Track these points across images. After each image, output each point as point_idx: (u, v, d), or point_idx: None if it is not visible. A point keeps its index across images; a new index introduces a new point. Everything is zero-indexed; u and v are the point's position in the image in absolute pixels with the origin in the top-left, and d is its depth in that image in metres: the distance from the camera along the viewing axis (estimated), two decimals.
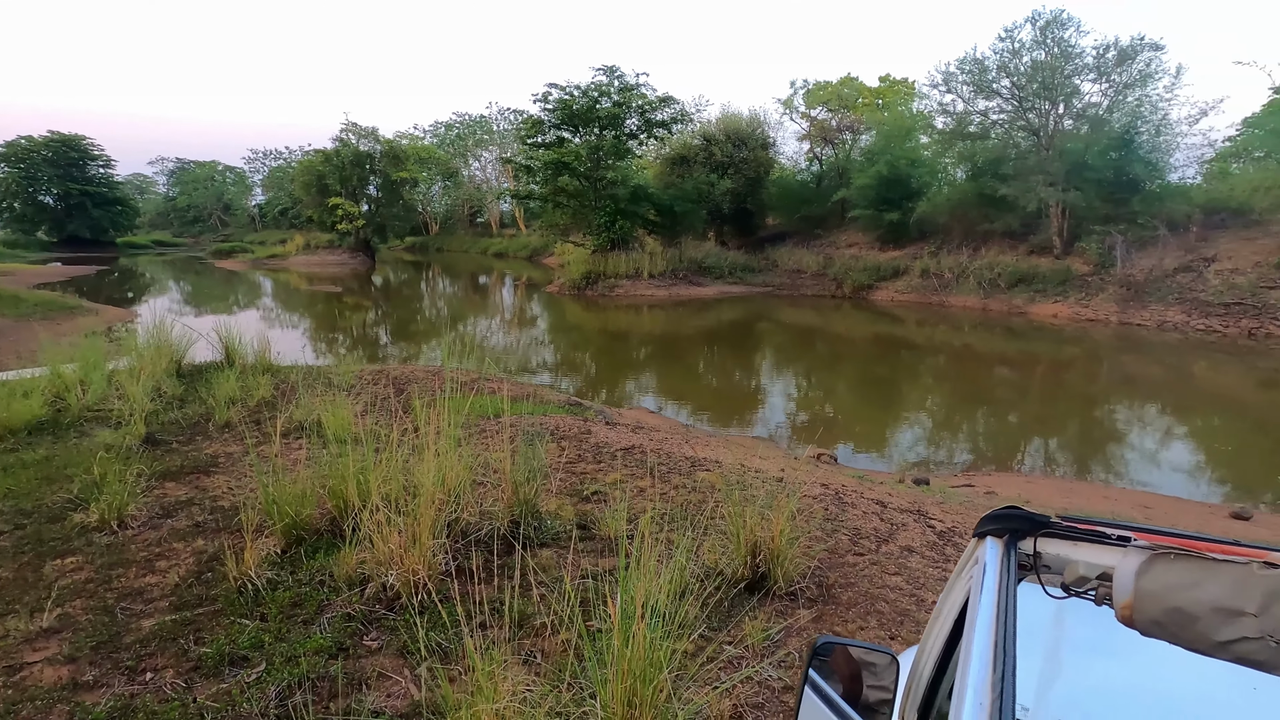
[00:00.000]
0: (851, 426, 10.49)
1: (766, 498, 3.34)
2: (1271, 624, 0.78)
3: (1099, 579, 0.92)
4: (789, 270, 28.19)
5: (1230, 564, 0.82)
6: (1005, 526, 0.95)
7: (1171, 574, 0.84)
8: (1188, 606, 0.82)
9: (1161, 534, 0.88)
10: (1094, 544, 0.92)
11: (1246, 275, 18.25)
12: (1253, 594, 0.79)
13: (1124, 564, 0.87)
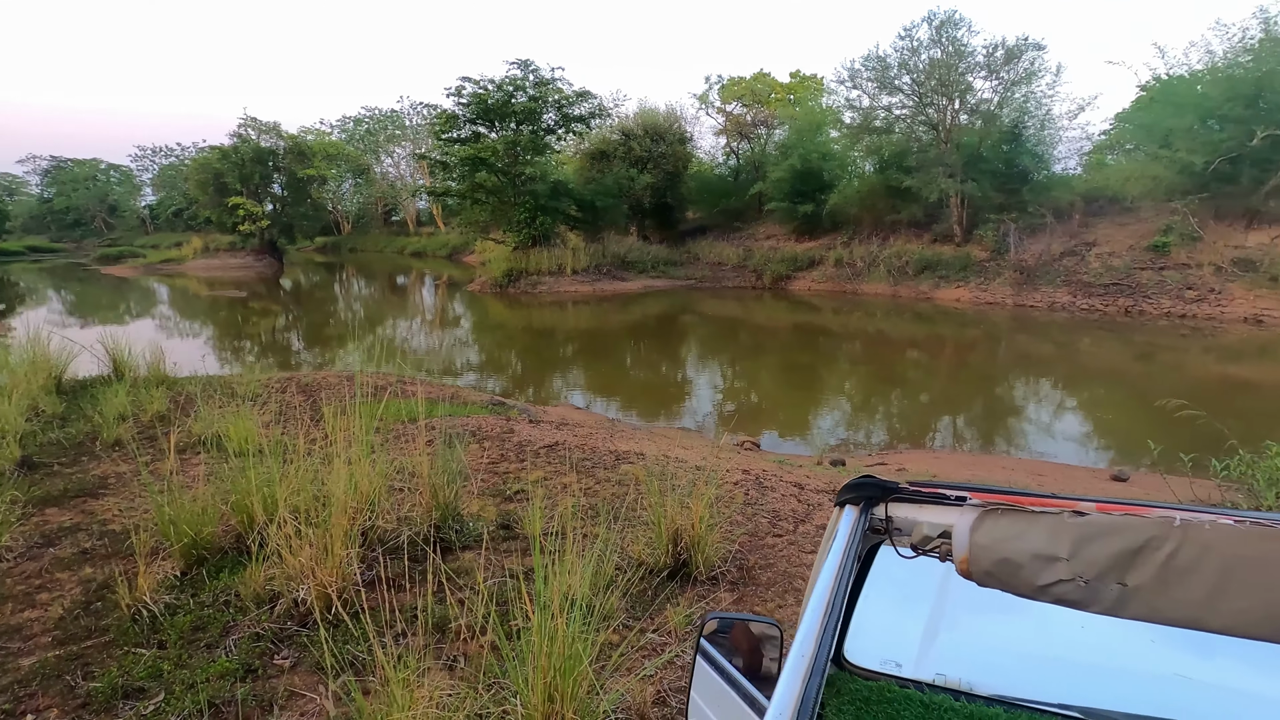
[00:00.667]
0: (775, 413, 10.79)
1: (687, 486, 3.40)
2: (1080, 566, 0.88)
3: (940, 537, 0.99)
4: (711, 263, 28.67)
5: (1046, 515, 0.91)
6: (860, 495, 1.02)
7: (999, 528, 0.92)
8: (1013, 556, 0.90)
9: (991, 492, 0.96)
10: (937, 505, 0.99)
11: (1122, 258, 19.92)
12: (1064, 540, 0.89)
13: (960, 522, 0.94)
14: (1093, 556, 0.87)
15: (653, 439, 6.09)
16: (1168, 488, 5.20)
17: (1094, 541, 0.87)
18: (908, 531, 1.02)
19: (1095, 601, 0.88)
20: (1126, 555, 0.86)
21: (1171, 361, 13.90)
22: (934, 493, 0.99)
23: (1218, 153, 18.67)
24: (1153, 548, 0.85)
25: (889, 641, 1.50)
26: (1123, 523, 0.87)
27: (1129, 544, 0.86)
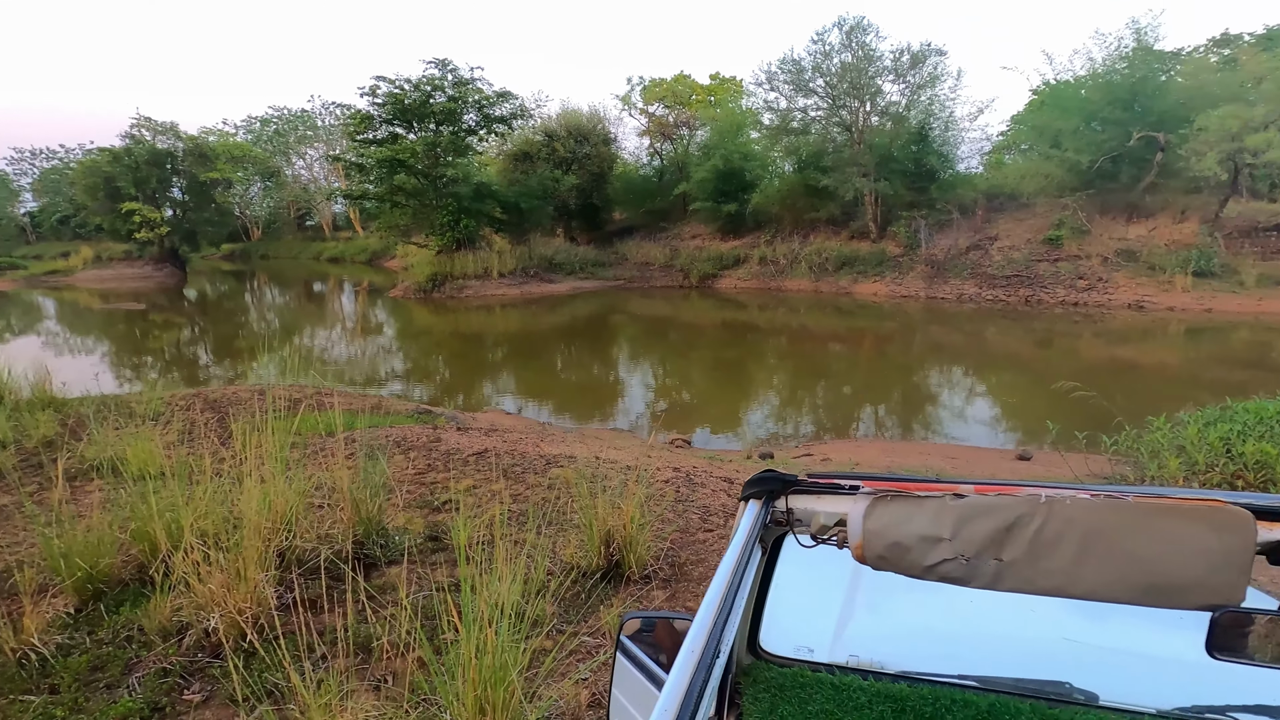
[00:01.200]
0: (707, 410, 10.95)
1: (619, 487, 3.40)
2: (961, 545, 0.94)
3: (837, 525, 1.03)
4: (638, 263, 28.83)
5: (930, 499, 0.96)
6: (762, 489, 1.05)
7: (889, 514, 0.97)
8: (902, 539, 0.96)
9: (882, 480, 1.01)
10: (834, 495, 1.04)
11: (1021, 251, 21.28)
12: (946, 522, 0.94)
13: (854, 510, 1.00)
14: (972, 535, 0.93)
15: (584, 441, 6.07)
16: (1065, 464, 5.59)
17: (972, 521, 0.93)
18: (807, 522, 1.05)
19: (976, 577, 0.94)
20: (1001, 532, 0.92)
21: (1067, 346, 14.95)
22: (830, 483, 1.04)
23: (1101, 152, 20.21)
24: (1023, 524, 0.91)
25: (804, 629, 1.56)
26: (996, 502, 0.93)
27: (1002, 522, 0.92)
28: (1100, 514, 0.90)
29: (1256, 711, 1.20)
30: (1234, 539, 0.87)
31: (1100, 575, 0.90)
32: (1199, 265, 18.02)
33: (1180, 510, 0.88)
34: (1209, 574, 0.87)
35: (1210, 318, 16.61)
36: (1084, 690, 1.28)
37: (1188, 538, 0.87)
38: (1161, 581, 0.88)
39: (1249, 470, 4.39)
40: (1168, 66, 21.48)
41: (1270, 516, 0.88)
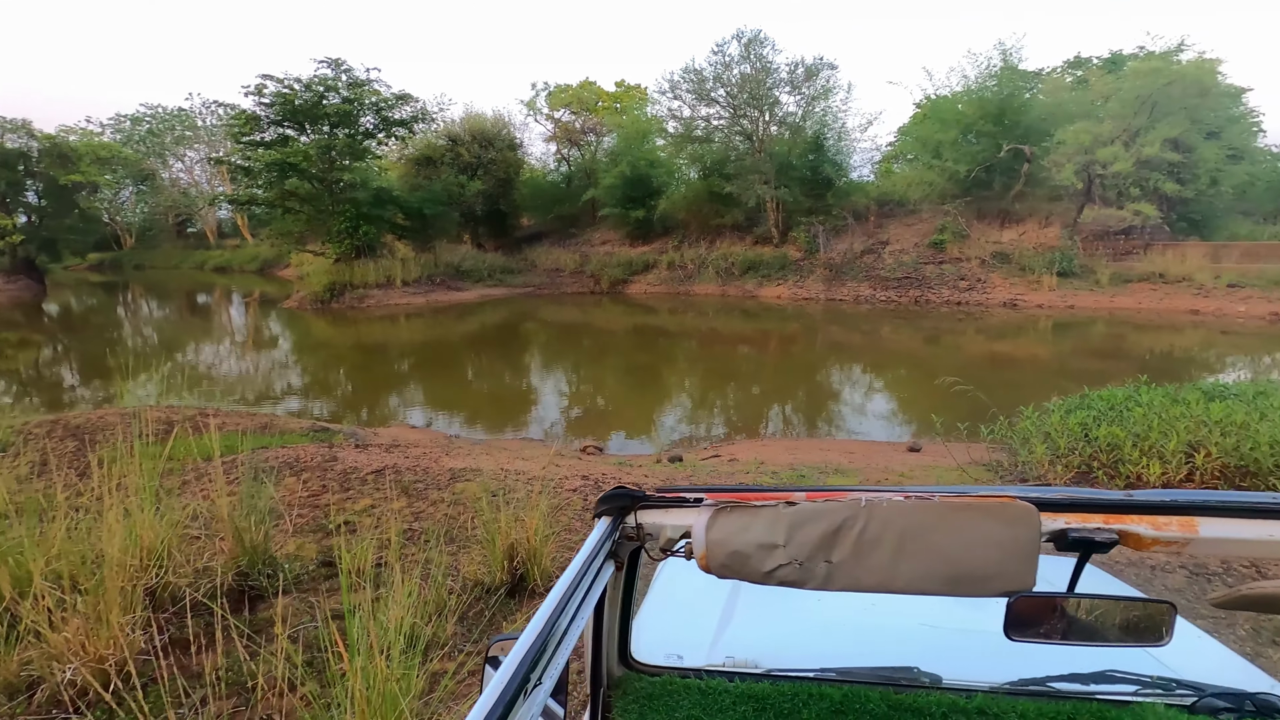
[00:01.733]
0: (621, 415, 10.98)
1: (524, 499, 3.36)
2: (794, 550, 0.99)
3: (684, 538, 1.07)
4: (548, 269, 28.63)
5: (766, 508, 1.01)
6: (613, 505, 1.07)
7: (729, 524, 1.02)
8: (742, 548, 1.00)
9: (724, 491, 1.05)
10: (680, 508, 1.07)
11: (910, 254, 22.67)
12: (780, 529, 0.99)
13: (698, 522, 1.03)
14: (803, 540, 0.98)
15: (491, 453, 5.94)
16: (950, 454, 5.99)
17: (803, 527, 0.99)
18: (657, 535, 1.09)
19: (810, 579, 0.99)
20: (829, 536, 0.98)
21: (952, 343, 16.04)
22: (676, 497, 1.07)
23: (976, 162, 21.86)
24: (847, 527, 0.98)
25: (680, 636, 1.61)
26: (823, 508, 0.99)
27: (829, 526, 0.98)
28: (911, 514, 0.97)
29: (1070, 680, 1.32)
30: (1022, 531, 0.95)
31: (914, 570, 0.96)
32: (1062, 266, 19.81)
33: (977, 507, 0.96)
34: (1003, 564, 0.95)
35: (1073, 313, 18.28)
36: (930, 673, 1.36)
37: (984, 532, 0.95)
38: (965, 573, 0.96)
39: (1102, 452, 4.86)
40: (1030, 85, 23.55)
41: (1051, 508, 0.98)
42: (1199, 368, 12.51)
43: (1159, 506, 0.98)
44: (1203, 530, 0.97)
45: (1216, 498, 0.99)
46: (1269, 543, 0.96)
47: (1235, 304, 17.13)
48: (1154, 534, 0.97)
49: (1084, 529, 0.98)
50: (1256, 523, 0.97)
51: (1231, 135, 22.11)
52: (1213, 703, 1.24)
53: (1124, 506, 0.99)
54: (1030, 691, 1.31)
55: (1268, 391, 5.66)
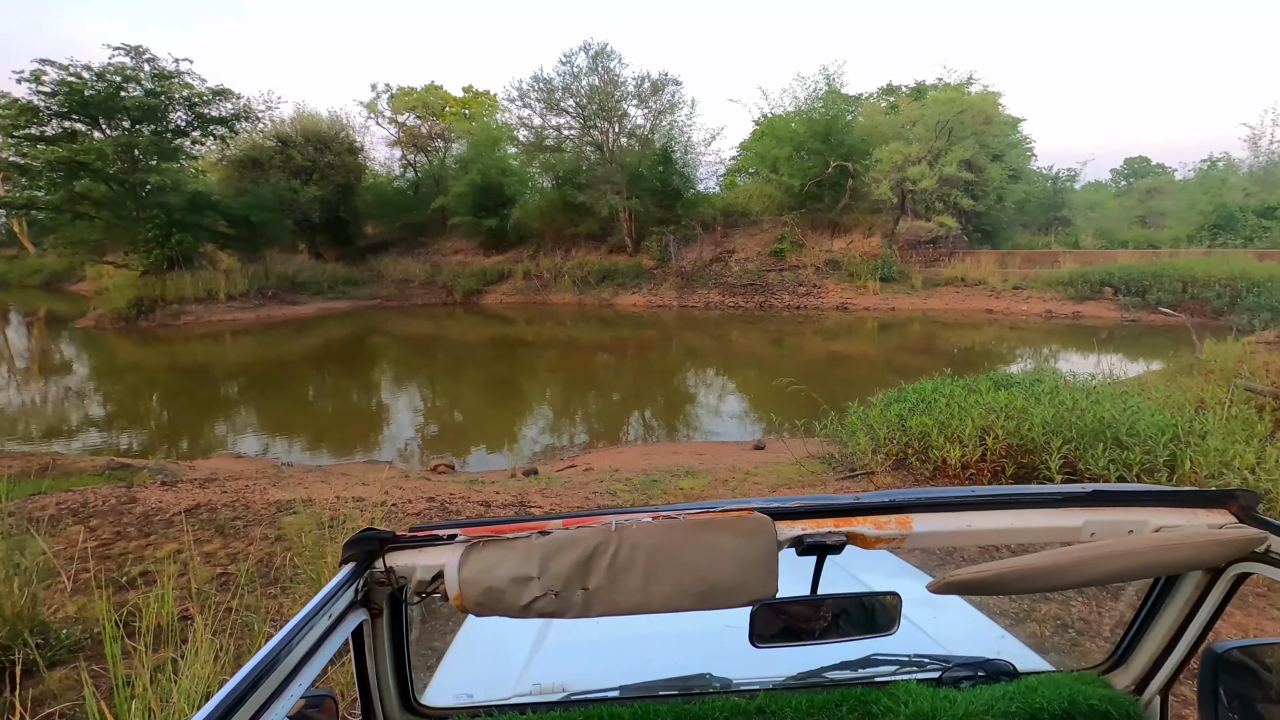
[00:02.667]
0: (480, 429, 10.64)
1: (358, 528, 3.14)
2: (549, 580, 0.98)
3: (436, 579, 1.02)
4: (397, 280, 27.26)
5: (519, 539, 1.00)
6: (359, 549, 1.01)
7: (482, 560, 0.99)
8: (495, 584, 0.98)
9: (479, 525, 1.03)
10: (432, 547, 1.03)
11: (754, 262, 24.07)
12: (534, 560, 0.98)
13: (450, 560, 1.00)
14: (558, 570, 0.98)
15: (328, 480, 5.51)
16: (789, 449, 6.41)
17: (557, 556, 0.98)
18: (409, 577, 1.04)
19: (568, 608, 0.99)
20: (582, 563, 0.98)
21: (794, 344, 17.23)
22: (429, 535, 1.03)
23: (808, 177, 23.67)
24: (600, 552, 0.98)
25: (482, 673, 1.59)
26: (577, 535, 0.99)
27: (583, 553, 0.98)
28: (660, 534, 0.99)
29: (841, 668, 1.39)
30: (760, 541, 1.00)
31: (665, 589, 0.98)
32: (883, 272, 21.95)
33: (719, 523, 1.00)
34: (746, 575, 0.99)
35: (894, 314, 20.31)
36: (721, 678, 1.39)
37: (727, 545, 0.99)
38: (712, 587, 0.99)
39: (915, 440, 5.42)
40: (851, 108, 25.92)
41: (789, 516, 1.04)
42: (993, 359, 14.36)
43: (880, 507, 1.07)
44: (916, 526, 1.06)
45: (926, 495, 1.10)
46: (968, 532, 1.08)
47: (1019, 303, 19.88)
48: (876, 533, 1.04)
49: (817, 534, 1.04)
50: (958, 515, 1.08)
51: (1011, 158, 25.70)
52: (955, 673, 1.36)
53: (851, 509, 1.06)
54: (806, 684, 1.36)
55: (1041, 379, 6.62)
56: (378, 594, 1.05)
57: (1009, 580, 1.04)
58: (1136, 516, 1.11)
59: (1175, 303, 17.10)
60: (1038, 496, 1.11)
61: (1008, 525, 1.08)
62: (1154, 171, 39.58)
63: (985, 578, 1.02)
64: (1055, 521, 1.09)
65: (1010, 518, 1.08)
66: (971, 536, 1.08)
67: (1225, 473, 3.93)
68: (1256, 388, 6.14)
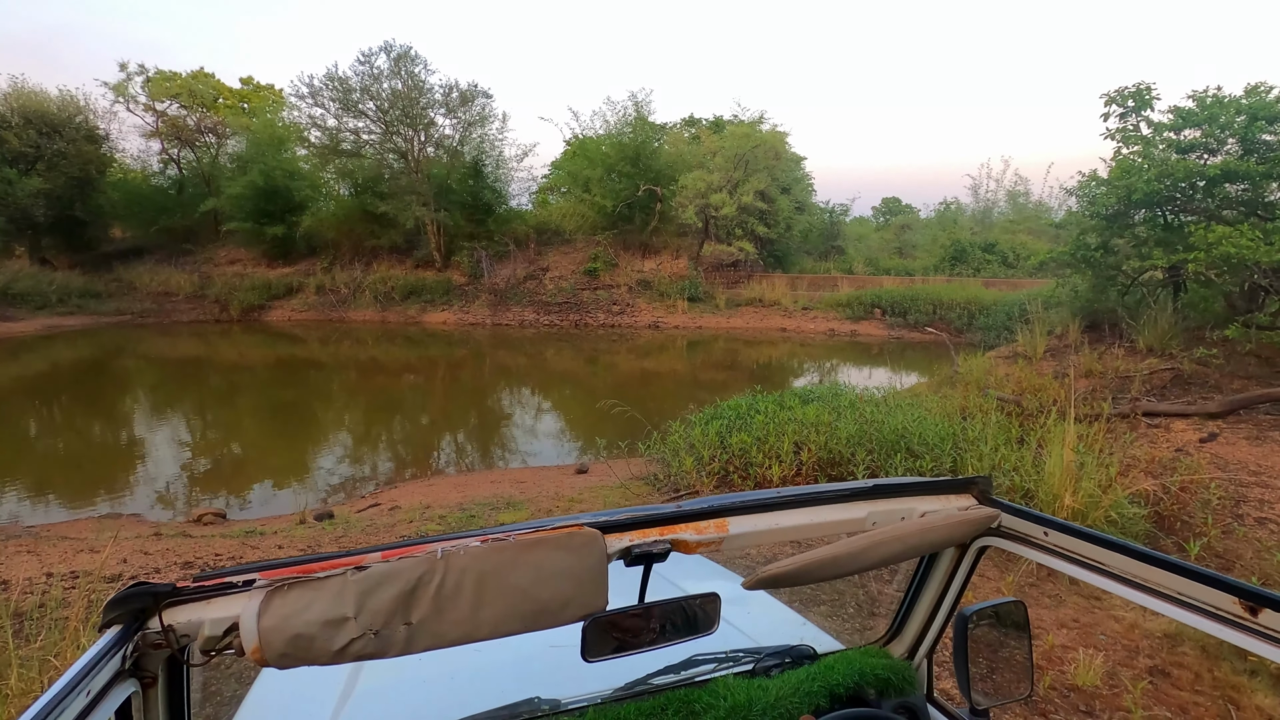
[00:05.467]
0: (265, 463, 9.20)
1: (75, 616, 2.35)
2: (368, 619, 0.90)
3: (229, 632, 0.90)
4: (155, 293, 23.40)
5: (332, 578, 0.90)
6: (127, 608, 0.87)
7: (287, 604, 0.88)
8: (304, 630, 0.88)
9: (280, 567, 0.91)
10: (223, 597, 0.91)
11: (569, 280, 24.08)
12: (349, 599, 0.90)
13: (246, 609, 0.88)
14: (377, 606, 0.91)
15: (37, 548, 4.21)
16: (613, 471, 6.25)
17: (376, 592, 0.91)
18: (194, 635, 0.90)
19: (390, 647, 0.92)
20: (405, 596, 0.92)
21: (609, 362, 17.37)
22: (218, 584, 0.91)
23: (620, 199, 24.27)
24: (425, 582, 0.93)
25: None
26: (398, 567, 0.92)
27: (405, 585, 0.92)
28: (488, 557, 0.96)
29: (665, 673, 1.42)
30: (589, 556, 1.00)
31: (495, 613, 0.96)
32: (691, 292, 23.09)
33: (548, 540, 0.98)
34: (576, 590, 0.99)
35: (701, 332, 21.40)
36: (549, 699, 1.36)
37: (556, 563, 0.98)
38: (543, 606, 0.98)
39: (735, 456, 5.54)
40: (658, 136, 27.09)
41: (617, 529, 1.05)
42: (789, 373, 15.61)
43: (700, 513, 1.13)
44: (732, 528, 1.13)
45: (740, 499, 1.17)
46: (776, 530, 1.17)
47: (808, 322, 21.98)
48: (697, 538, 1.10)
49: (644, 544, 1.06)
50: (767, 515, 1.17)
51: (797, 192, 28.53)
52: (766, 663, 1.45)
53: (674, 518, 1.10)
54: (634, 694, 1.38)
55: (839, 393, 7.17)
56: (151, 660, 0.91)
57: (810, 571, 1.14)
58: (906, 505, 1.28)
59: (928, 322, 19.98)
60: (831, 494, 1.24)
61: (807, 521, 1.20)
62: (904, 210, 46.29)
63: (790, 570, 1.12)
64: (845, 515, 1.24)
65: (810, 514, 1.21)
66: (779, 534, 1.18)
67: (997, 474, 4.44)
68: (1004, 396, 7.18)
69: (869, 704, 1.40)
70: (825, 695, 1.37)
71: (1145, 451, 5.18)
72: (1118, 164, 8.65)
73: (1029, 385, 7.42)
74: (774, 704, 1.32)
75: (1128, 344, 8.32)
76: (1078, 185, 9.70)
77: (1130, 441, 5.46)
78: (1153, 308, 8.43)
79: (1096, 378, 7.51)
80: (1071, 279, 9.53)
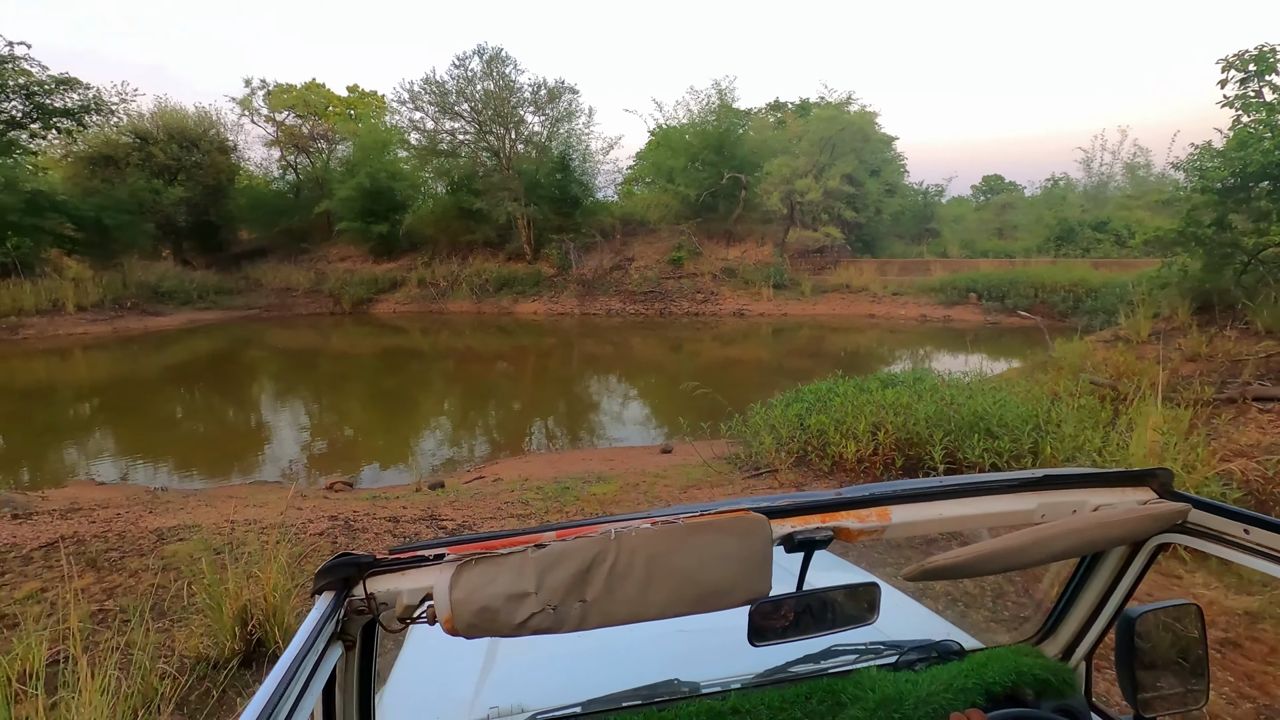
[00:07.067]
0: (374, 445, 10.14)
1: (256, 552, 2.93)
2: (546, 595, 0.95)
3: (424, 601, 0.98)
4: (277, 289, 25.57)
5: (513, 554, 0.97)
6: (335, 577, 0.95)
7: (474, 578, 0.95)
8: (489, 603, 0.94)
9: (468, 542, 0.99)
10: (418, 569, 0.98)
11: (653, 270, 24.48)
12: (529, 575, 0.95)
13: (439, 581, 0.95)
14: (555, 583, 0.95)
15: (213, 504, 5.06)
16: (696, 451, 6.57)
17: (554, 569, 0.96)
18: (392, 604, 0.99)
19: (564, 622, 0.97)
20: (580, 574, 0.96)
21: (693, 350, 17.65)
22: (414, 556, 0.99)
23: (703, 188, 24.39)
24: (599, 562, 0.97)
25: (435, 701, 1.53)
26: (574, 546, 0.97)
27: (580, 564, 0.96)
28: (658, 540, 0.99)
29: (805, 661, 1.42)
30: (756, 541, 1.02)
31: (662, 596, 0.98)
32: (776, 279, 22.95)
33: (716, 524, 1.01)
34: (741, 575, 1.01)
35: (786, 319, 21.28)
36: (689, 681, 1.39)
37: (723, 547, 1.00)
38: (709, 590, 1.00)
39: (814, 437, 5.73)
40: (743, 122, 26.96)
41: (779, 515, 1.07)
42: (877, 360, 15.36)
43: (862, 501, 1.12)
44: (894, 517, 1.12)
45: (902, 488, 1.15)
46: (940, 520, 1.15)
47: (898, 308, 21.40)
48: (859, 526, 1.09)
49: (806, 530, 1.07)
50: (931, 505, 1.15)
51: (887, 174, 27.66)
52: (910, 657, 1.44)
53: (836, 505, 1.10)
54: (774, 680, 1.38)
55: (922, 377, 7.16)
56: (353, 625, 1.00)
57: (976, 564, 1.09)
58: (1078, 498, 1.21)
59: (1028, 306, 19.02)
60: (997, 484, 1.19)
61: (972, 512, 1.16)
62: (1007, 188, 43.69)
63: (955, 563, 1.08)
64: (1012, 506, 1.18)
65: (975, 504, 1.17)
66: (943, 524, 1.15)
67: (1078, 455, 4.43)
68: (1098, 380, 6.95)
69: (1027, 705, 1.35)
70: (981, 693, 1.33)
71: (1250, 436, 4.98)
72: (1235, 134, 8.06)
73: (1127, 369, 7.13)
74: (926, 699, 1.30)
75: (1242, 325, 7.79)
76: (1188, 159, 9.09)
77: (1237, 426, 5.24)
78: (1272, 286, 7.84)
79: (1204, 361, 7.12)
80: (1180, 258, 8.96)
